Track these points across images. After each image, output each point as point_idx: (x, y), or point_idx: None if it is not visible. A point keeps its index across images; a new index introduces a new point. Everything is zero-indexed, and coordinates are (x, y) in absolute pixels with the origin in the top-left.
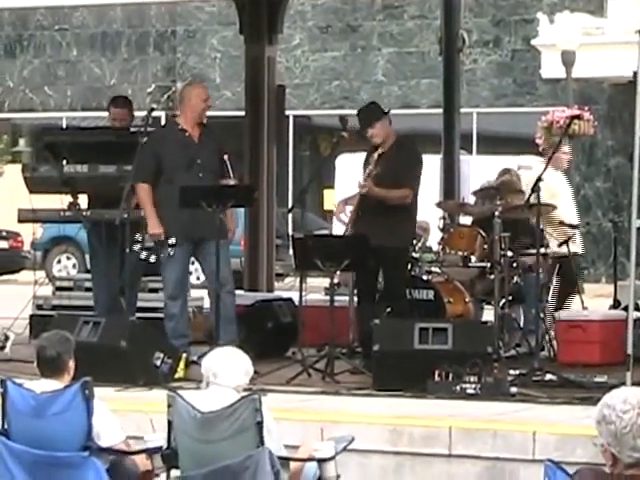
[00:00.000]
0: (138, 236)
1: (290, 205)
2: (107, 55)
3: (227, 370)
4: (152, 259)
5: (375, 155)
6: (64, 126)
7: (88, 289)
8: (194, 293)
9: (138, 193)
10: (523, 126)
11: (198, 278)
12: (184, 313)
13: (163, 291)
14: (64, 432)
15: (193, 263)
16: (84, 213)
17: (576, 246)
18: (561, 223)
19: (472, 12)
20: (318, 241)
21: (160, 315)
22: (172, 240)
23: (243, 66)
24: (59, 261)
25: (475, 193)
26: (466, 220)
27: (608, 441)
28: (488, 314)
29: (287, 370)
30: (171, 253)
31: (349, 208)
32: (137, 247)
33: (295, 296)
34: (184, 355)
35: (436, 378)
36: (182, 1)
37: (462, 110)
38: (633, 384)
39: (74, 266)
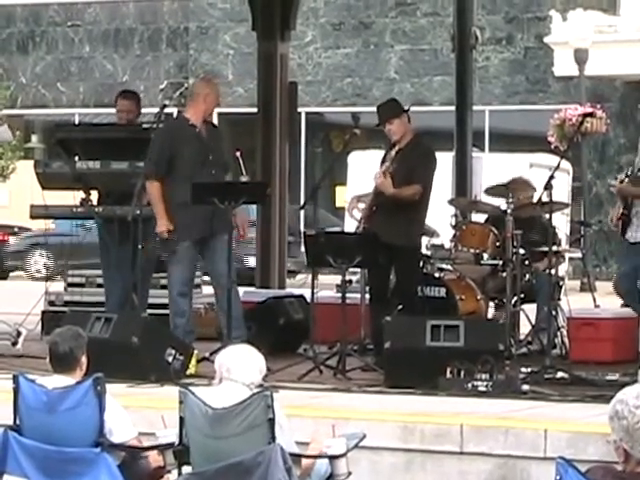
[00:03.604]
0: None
1: (302, 202)
2: (119, 51)
3: (241, 365)
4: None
5: (393, 152)
6: (76, 122)
7: (100, 285)
8: (205, 290)
9: (149, 189)
10: (535, 124)
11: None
12: (191, 309)
13: (170, 287)
14: (76, 428)
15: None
16: (96, 209)
17: None
18: None
19: (485, 9)
20: (330, 238)
21: None
22: (184, 236)
23: (255, 63)
24: None
25: (487, 191)
26: (478, 217)
27: (620, 437)
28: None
29: (299, 367)
30: (181, 249)
31: (361, 205)
32: (155, 246)
33: (307, 293)
34: (195, 351)
35: (448, 375)
36: None
37: (474, 107)
38: None
39: None
